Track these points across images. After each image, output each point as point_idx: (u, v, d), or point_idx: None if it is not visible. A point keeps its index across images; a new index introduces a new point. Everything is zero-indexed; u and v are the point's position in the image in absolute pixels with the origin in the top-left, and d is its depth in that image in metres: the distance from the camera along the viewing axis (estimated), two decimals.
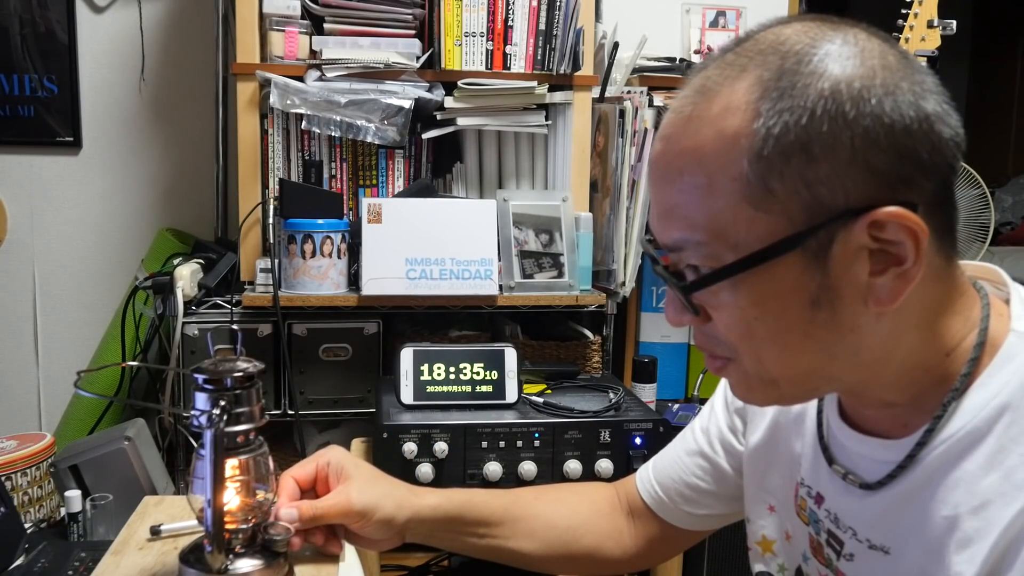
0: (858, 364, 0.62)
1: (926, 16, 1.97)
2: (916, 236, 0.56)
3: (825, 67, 0.56)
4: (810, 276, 0.58)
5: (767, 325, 0.60)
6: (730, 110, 0.57)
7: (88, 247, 2.26)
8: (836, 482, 0.71)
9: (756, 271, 0.58)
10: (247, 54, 1.82)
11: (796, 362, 0.62)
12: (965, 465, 0.61)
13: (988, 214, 2.34)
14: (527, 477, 1.43)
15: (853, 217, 0.56)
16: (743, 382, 0.66)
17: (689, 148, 0.59)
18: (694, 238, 0.59)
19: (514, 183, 1.97)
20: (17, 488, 1.43)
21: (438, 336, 1.92)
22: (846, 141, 0.55)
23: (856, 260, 0.57)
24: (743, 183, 0.56)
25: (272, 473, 0.88)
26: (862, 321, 0.59)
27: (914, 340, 0.62)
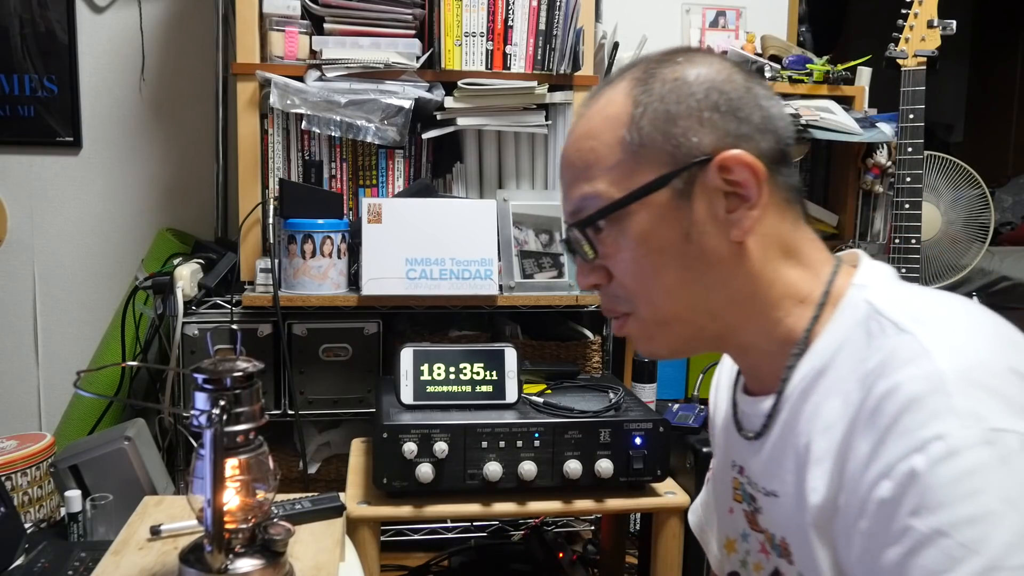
0: (732, 299, 0.75)
1: (926, 16, 1.96)
2: (756, 171, 0.72)
3: (682, 65, 0.75)
4: (681, 213, 0.73)
5: (653, 261, 0.74)
6: (612, 101, 0.76)
7: (88, 247, 2.26)
8: (742, 444, 0.82)
9: (638, 207, 0.74)
10: (247, 54, 1.82)
11: (681, 294, 0.75)
12: (814, 398, 0.72)
13: (988, 214, 2.34)
14: (527, 477, 1.43)
15: (707, 161, 0.72)
16: (644, 331, 0.79)
17: (584, 132, 0.77)
18: (593, 190, 0.76)
19: (514, 183, 1.97)
20: (17, 488, 1.43)
21: (438, 336, 1.92)
22: (695, 108, 0.73)
23: (713, 199, 0.73)
24: (624, 144, 0.74)
25: (272, 473, 0.88)
26: (726, 252, 0.74)
27: (773, 280, 0.75)
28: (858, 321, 0.71)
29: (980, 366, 0.63)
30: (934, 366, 0.63)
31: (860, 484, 0.64)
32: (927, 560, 0.59)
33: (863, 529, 0.64)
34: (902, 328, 0.67)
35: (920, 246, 1.98)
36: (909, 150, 1.97)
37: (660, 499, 1.50)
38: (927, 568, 0.59)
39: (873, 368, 0.66)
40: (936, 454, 0.60)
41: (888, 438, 0.63)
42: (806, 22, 2.53)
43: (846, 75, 2.23)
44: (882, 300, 0.71)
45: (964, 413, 0.60)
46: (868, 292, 0.73)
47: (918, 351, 0.64)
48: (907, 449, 0.61)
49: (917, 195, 1.97)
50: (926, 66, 1.96)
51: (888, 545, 0.62)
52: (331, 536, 1.11)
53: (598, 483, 1.47)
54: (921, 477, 0.60)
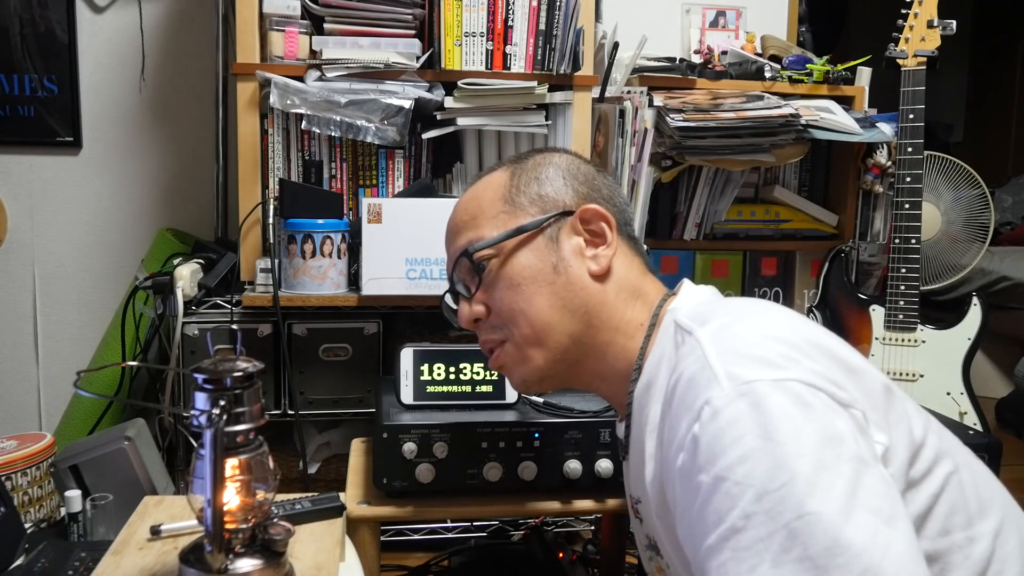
0: (591, 325, 0.91)
1: (926, 16, 1.97)
2: (608, 221, 0.93)
3: (549, 156, 0.99)
4: (550, 251, 0.92)
5: (526, 286, 0.91)
6: (492, 177, 0.99)
7: (88, 247, 2.26)
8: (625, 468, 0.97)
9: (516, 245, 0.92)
10: (247, 54, 1.82)
11: (550, 316, 0.91)
12: (647, 409, 0.85)
13: (988, 214, 2.34)
14: (527, 477, 1.43)
15: (569, 213, 0.94)
16: (517, 355, 0.94)
17: (469, 198, 0.99)
18: (477, 235, 0.94)
19: None
20: (17, 488, 1.43)
21: (438, 336, 1.92)
22: (559, 175, 0.97)
23: (576, 241, 0.93)
24: (505, 199, 0.95)
25: (272, 473, 0.88)
26: (587, 283, 0.92)
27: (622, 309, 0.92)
28: (669, 338, 0.85)
29: (738, 339, 0.76)
30: (703, 350, 0.76)
31: (670, 464, 0.75)
32: (716, 504, 0.68)
33: (675, 499, 0.75)
34: (689, 331, 0.81)
35: (920, 246, 1.98)
36: (909, 150, 1.97)
37: None
38: (717, 511, 0.67)
39: (675, 371, 0.79)
40: (706, 416, 0.71)
41: (677, 417, 0.75)
42: (806, 22, 2.53)
43: (846, 75, 2.23)
44: (682, 315, 0.85)
45: (723, 377, 0.72)
46: (676, 313, 0.87)
47: (694, 343, 0.78)
48: (689, 421, 0.72)
49: (917, 195, 1.97)
50: (926, 66, 1.97)
51: (690, 504, 0.71)
52: (331, 536, 1.11)
53: (598, 483, 1.47)
54: (699, 439, 0.70)
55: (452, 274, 0.98)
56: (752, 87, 2.16)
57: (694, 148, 2.00)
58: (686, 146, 1.99)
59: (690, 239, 2.15)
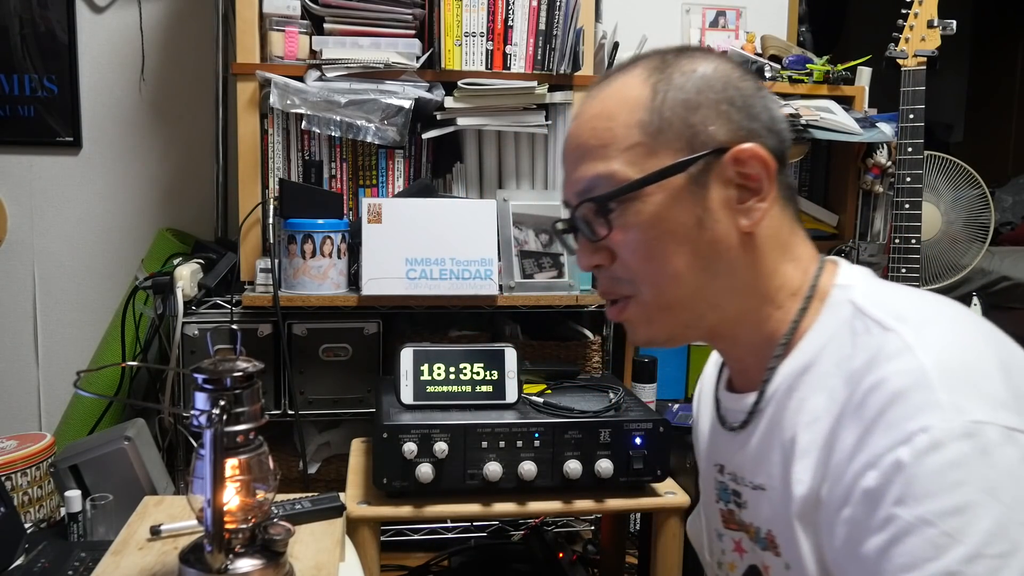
0: (734, 288, 0.77)
1: (926, 16, 1.96)
2: (767, 166, 0.75)
3: (698, 60, 0.78)
4: (694, 200, 0.75)
5: (664, 244, 0.75)
6: (628, 85, 0.77)
7: (88, 247, 2.26)
8: (725, 438, 0.84)
9: (653, 190, 0.75)
10: (247, 54, 1.82)
11: (687, 280, 0.76)
12: (799, 394, 0.74)
13: (988, 214, 2.34)
14: (527, 477, 1.43)
15: (723, 152, 0.75)
16: (644, 315, 0.79)
17: (599, 112, 0.78)
18: (607, 169, 0.76)
19: (514, 183, 1.97)
20: (17, 488, 1.43)
21: (438, 336, 1.92)
22: (713, 100, 0.76)
23: (726, 190, 0.75)
24: (642, 126, 0.75)
25: (272, 473, 0.88)
26: (734, 241, 0.76)
27: (771, 270, 0.78)
28: (843, 320, 0.74)
29: (961, 361, 0.66)
30: (918, 361, 0.65)
31: (845, 474, 0.66)
32: (910, 547, 0.61)
33: (847, 517, 0.66)
34: (886, 327, 0.69)
35: (920, 246, 1.98)
36: (909, 150, 1.97)
37: (660, 499, 1.50)
38: (911, 555, 0.61)
39: (859, 366, 0.69)
40: (921, 446, 0.62)
41: (874, 430, 0.65)
42: (806, 22, 2.53)
43: (846, 75, 2.23)
44: (865, 300, 0.74)
45: (947, 406, 0.62)
46: (851, 292, 0.75)
47: (902, 347, 0.67)
48: (893, 441, 0.63)
49: (917, 195, 1.97)
50: (926, 66, 1.96)
51: (871, 533, 0.63)
52: (331, 536, 1.11)
53: (598, 483, 1.47)
54: (906, 468, 0.62)
55: (573, 207, 0.81)
56: None
57: None
58: None
59: None
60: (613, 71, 0.81)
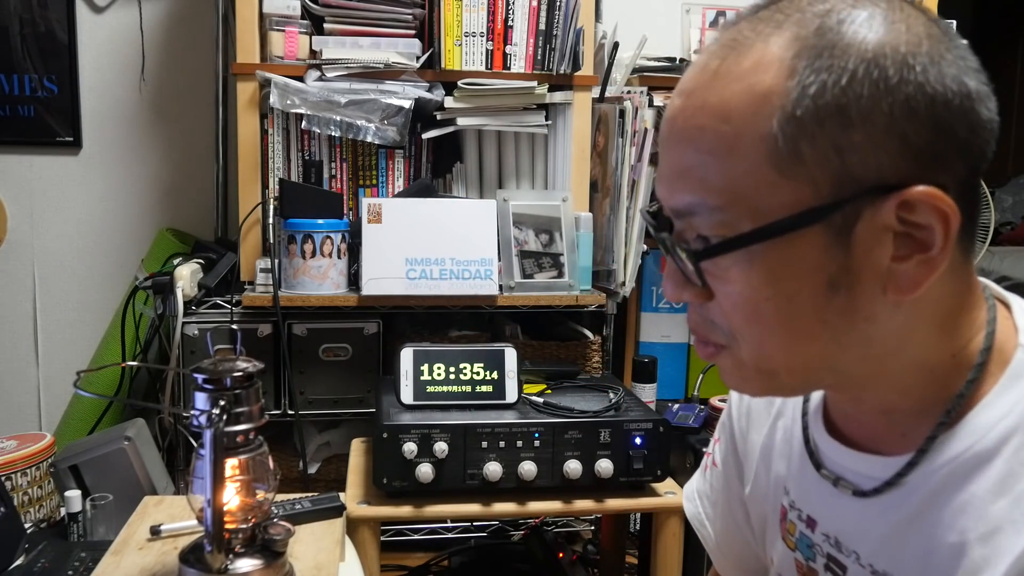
0: (867, 357, 0.58)
1: None
2: (947, 220, 0.52)
3: (868, 29, 0.52)
4: (831, 255, 0.53)
5: (778, 307, 0.55)
6: (763, 66, 0.53)
7: (88, 247, 2.26)
8: (826, 491, 0.67)
9: (774, 243, 0.53)
10: (247, 54, 1.82)
11: (803, 351, 0.57)
12: (972, 488, 0.56)
13: (988, 214, 2.34)
14: (527, 477, 1.43)
15: (884, 194, 0.52)
16: (737, 372, 0.61)
17: (714, 104, 0.54)
18: (709, 202, 0.55)
19: (514, 183, 1.97)
20: (17, 488, 1.43)
21: (438, 336, 1.92)
22: (885, 108, 0.51)
23: (880, 242, 0.53)
24: (770, 144, 0.52)
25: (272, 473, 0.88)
26: (878, 309, 0.55)
27: (925, 336, 0.58)
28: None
29: None
30: None
31: None
32: None
33: None
34: None
35: None
36: None
37: (660, 499, 1.50)
38: None
39: None
40: None
41: None
42: None
43: None
44: None
45: None
46: None
47: None
48: None
49: None
50: None
51: None
52: (331, 536, 1.11)
53: (598, 483, 1.47)
54: None
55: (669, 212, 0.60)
56: None
57: None
58: None
59: None
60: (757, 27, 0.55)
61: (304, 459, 1.84)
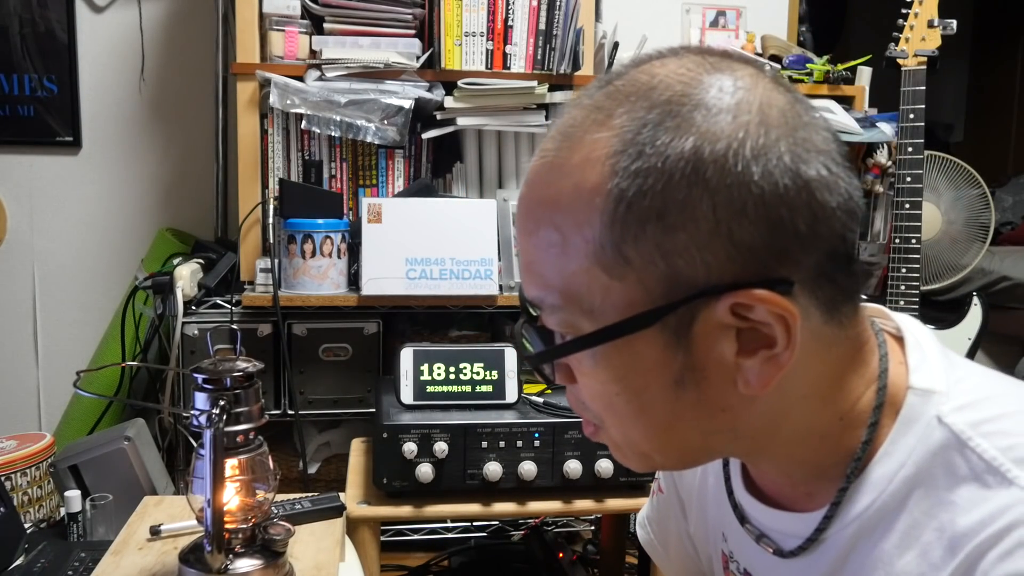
0: (737, 438, 0.57)
1: (926, 16, 1.96)
2: (786, 321, 0.50)
3: (692, 121, 0.49)
4: (671, 354, 0.52)
5: (628, 401, 0.55)
6: (589, 162, 0.51)
7: (88, 247, 2.26)
8: (753, 547, 0.66)
9: (614, 344, 0.52)
10: (247, 54, 1.82)
11: (666, 438, 0.56)
12: (881, 544, 0.56)
13: (988, 214, 2.34)
14: (527, 477, 1.43)
15: (715, 296, 0.50)
16: (616, 450, 0.61)
17: (547, 199, 0.53)
18: (548, 299, 0.54)
19: (514, 183, 1.97)
20: (17, 488, 1.43)
21: (438, 336, 1.92)
22: (707, 210, 0.49)
23: (721, 339, 0.51)
24: (596, 246, 0.51)
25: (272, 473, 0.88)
26: (733, 401, 0.54)
27: (802, 411, 0.56)
28: (932, 451, 0.54)
29: None
30: None
31: None
32: None
33: None
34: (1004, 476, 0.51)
35: (920, 246, 1.98)
36: (909, 150, 1.97)
37: None
38: None
39: (968, 530, 0.51)
40: None
41: None
42: (806, 22, 2.53)
43: (846, 75, 2.23)
44: (959, 421, 0.54)
45: None
46: (937, 403, 0.55)
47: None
48: None
49: (917, 195, 1.97)
50: (926, 66, 1.96)
51: None
52: (331, 536, 1.11)
53: (598, 483, 1.47)
54: None
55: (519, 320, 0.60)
56: None
57: None
58: None
59: None
60: (589, 116, 0.53)
61: (304, 459, 1.84)
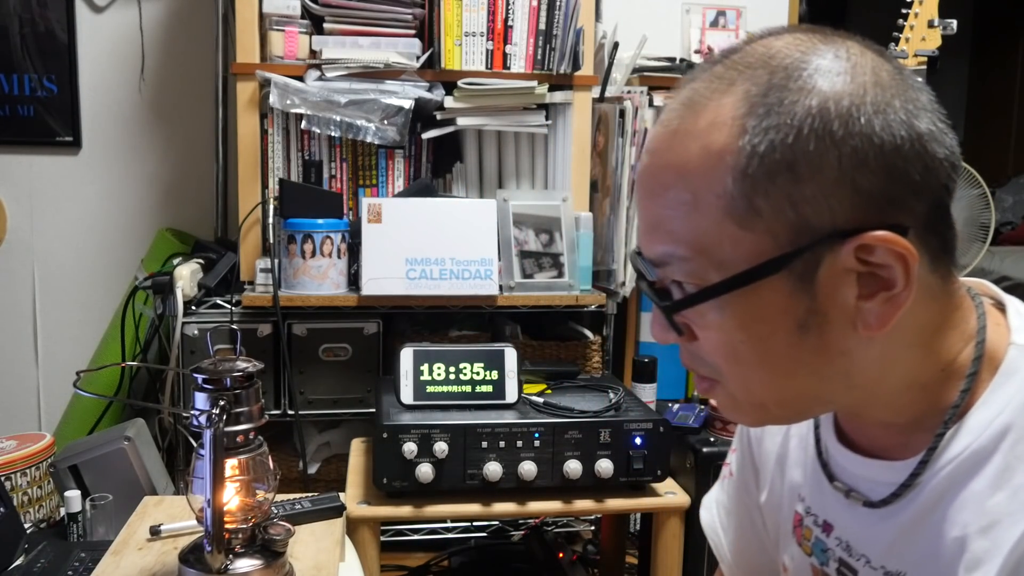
0: (851, 387, 0.61)
1: (926, 16, 1.96)
2: (906, 261, 0.54)
3: (814, 83, 0.55)
4: (797, 299, 0.56)
5: (753, 348, 0.59)
6: (716, 125, 0.56)
7: (88, 247, 2.25)
8: (840, 502, 0.69)
9: (741, 292, 0.57)
10: (247, 54, 1.82)
11: (785, 386, 0.60)
12: (972, 485, 0.59)
13: (988, 214, 2.33)
14: (527, 477, 1.43)
15: (840, 240, 0.54)
16: (731, 404, 0.65)
17: (674, 163, 0.58)
18: (678, 253, 0.58)
19: (514, 183, 1.97)
20: (17, 488, 1.43)
21: (438, 336, 1.92)
22: (833, 161, 0.54)
23: (844, 283, 0.56)
24: (727, 200, 0.55)
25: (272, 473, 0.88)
26: (852, 345, 0.58)
27: (909, 359, 0.60)
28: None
29: None
30: None
31: None
32: None
33: None
34: None
35: None
36: None
37: (660, 499, 1.50)
38: None
39: None
40: None
41: None
42: (806, 22, 2.53)
43: None
44: None
45: None
46: None
47: None
48: None
49: None
50: (926, 66, 1.96)
51: None
52: (331, 536, 1.11)
53: (598, 483, 1.47)
54: None
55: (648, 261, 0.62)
56: None
57: None
58: None
59: None
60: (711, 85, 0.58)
61: (304, 459, 1.84)
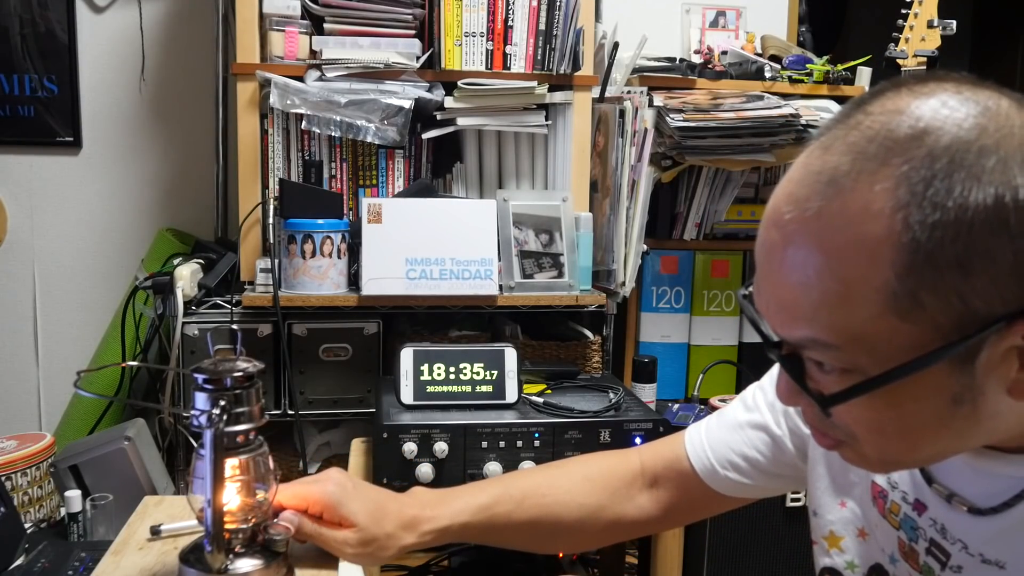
0: (990, 438, 0.61)
1: (926, 16, 1.96)
2: None
3: (981, 169, 0.50)
4: (955, 378, 0.54)
5: (901, 423, 0.57)
6: (871, 215, 0.52)
7: (88, 247, 2.25)
8: (940, 504, 0.68)
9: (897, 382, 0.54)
10: (247, 54, 1.82)
11: (926, 448, 0.59)
12: None
13: None
14: None
15: (1007, 323, 0.52)
16: (859, 460, 0.63)
17: (818, 249, 0.54)
18: (824, 340, 0.55)
19: (514, 183, 1.97)
20: (17, 488, 1.43)
21: (438, 336, 1.92)
22: (1009, 255, 0.51)
23: (1006, 360, 0.54)
24: (887, 295, 0.52)
25: (272, 473, 0.88)
26: (1003, 408, 0.56)
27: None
28: None
29: None
30: None
31: None
32: None
33: None
34: None
35: None
36: None
37: None
38: None
39: None
40: None
41: None
42: (806, 22, 2.53)
43: (846, 75, 2.23)
44: None
45: None
46: None
47: None
48: None
49: None
50: (926, 66, 1.96)
51: None
52: None
53: None
54: None
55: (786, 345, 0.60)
56: (752, 87, 2.16)
57: (694, 148, 2.00)
58: (686, 146, 1.99)
59: (690, 239, 2.15)
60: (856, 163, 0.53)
61: (304, 459, 1.84)
